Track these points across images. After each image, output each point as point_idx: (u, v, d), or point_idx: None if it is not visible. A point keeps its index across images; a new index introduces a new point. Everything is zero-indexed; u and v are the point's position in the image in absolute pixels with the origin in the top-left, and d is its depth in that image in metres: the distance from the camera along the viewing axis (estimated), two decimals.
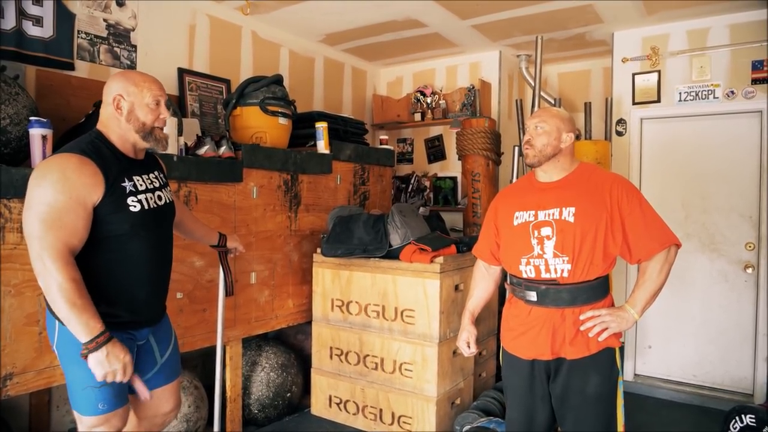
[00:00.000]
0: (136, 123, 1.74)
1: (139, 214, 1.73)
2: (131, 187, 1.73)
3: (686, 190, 3.94)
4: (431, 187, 5.07)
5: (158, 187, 1.86)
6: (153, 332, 1.91)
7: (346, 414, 3.30)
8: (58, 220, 1.55)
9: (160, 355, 1.95)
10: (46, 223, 1.54)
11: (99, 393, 1.68)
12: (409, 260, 3.05)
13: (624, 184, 1.91)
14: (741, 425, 2.75)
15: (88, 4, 3.04)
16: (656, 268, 1.85)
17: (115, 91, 1.74)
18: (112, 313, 1.70)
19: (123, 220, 1.70)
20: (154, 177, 1.86)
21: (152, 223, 1.79)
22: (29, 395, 2.77)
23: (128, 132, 1.75)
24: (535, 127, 1.95)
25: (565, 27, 4.05)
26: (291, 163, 3.29)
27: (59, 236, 1.55)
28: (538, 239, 1.90)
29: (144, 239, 1.77)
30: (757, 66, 3.62)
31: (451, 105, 4.81)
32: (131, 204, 1.71)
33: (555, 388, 1.92)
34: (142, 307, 1.81)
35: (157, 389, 1.95)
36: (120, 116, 1.73)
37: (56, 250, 1.54)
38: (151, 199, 1.80)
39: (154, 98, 1.76)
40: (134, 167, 1.79)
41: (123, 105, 1.73)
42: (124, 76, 1.78)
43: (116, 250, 1.71)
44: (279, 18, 3.96)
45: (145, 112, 1.74)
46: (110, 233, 1.69)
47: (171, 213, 1.95)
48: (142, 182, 1.79)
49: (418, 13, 3.83)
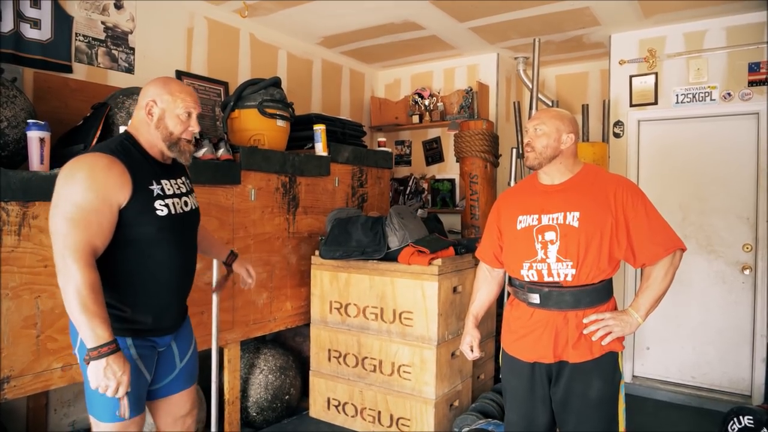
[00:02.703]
0: (164, 131, 1.73)
1: (166, 218, 1.72)
2: (159, 191, 1.72)
3: (684, 191, 3.95)
4: (429, 189, 5.07)
5: (185, 193, 1.84)
6: (174, 337, 1.89)
7: (345, 416, 3.30)
8: (83, 219, 1.54)
9: (179, 360, 1.93)
10: (71, 222, 1.53)
11: (116, 400, 1.65)
12: (407, 262, 3.05)
13: (629, 186, 1.88)
14: (739, 426, 2.75)
15: (86, 7, 3.04)
16: (661, 273, 1.83)
17: (149, 96, 1.73)
18: (135, 319, 1.70)
19: (149, 223, 1.68)
20: (182, 182, 1.85)
21: (178, 228, 1.78)
22: (27, 398, 2.76)
23: (156, 139, 1.74)
24: (534, 129, 1.93)
25: (563, 29, 4.06)
26: (289, 166, 3.29)
27: (83, 236, 1.54)
28: (542, 243, 1.88)
29: (169, 244, 1.75)
30: (754, 68, 3.64)
31: (449, 107, 4.82)
32: (158, 208, 1.70)
33: (556, 392, 1.90)
34: (165, 313, 1.80)
35: (175, 395, 1.93)
36: (150, 122, 1.73)
37: (79, 251, 1.52)
38: (178, 204, 1.78)
39: (186, 109, 1.75)
40: (162, 171, 1.77)
41: (154, 111, 1.72)
42: (162, 82, 1.77)
43: (142, 255, 1.69)
44: (277, 20, 3.97)
45: (175, 122, 1.73)
46: (136, 237, 1.67)
47: (196, 219, 1.93)
48: (170, 186, 1.77)
49: (415, 15, 3.84)
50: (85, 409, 3.06)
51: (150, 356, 1.78)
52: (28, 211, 2.14)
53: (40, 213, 2.17)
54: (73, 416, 3.04)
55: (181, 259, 1.81)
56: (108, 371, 1.53)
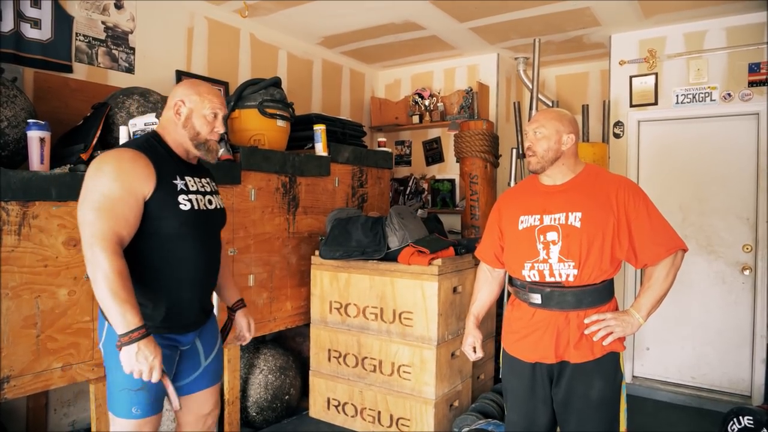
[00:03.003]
0: (191, 131, 1.79)
1: (189, 213, 1.75)
2: (182, 186, 1.76)
3: (684, 192, 3.95)
4: (429, 190, 5.07)
5: (209, 192, 1.88)
6: (199, 335, 1.91)
7: (345, 416, 3.30)
8: (111, 209, 1.59)
9: (204, 358, 1.94)
10: (99, 212, 1.58)
11: (135, 396, 1.69)
12: (407, 262, 3.05)
13: (630, 187, 1.88)
14: (739, 427, 2.75)
15: (87, 7, 3.04)
16: (662, 273, 1.83)
17: (178, 97, 1.80)
18: (156, 316, 1.72)
19: (172, 217, 1.71)
20: (206, 182, 1.90)
21: (201, 224, 1.80)
22: (26, 398, 2.76)
23: (183, 138, 1.80)
24: (534, 132, 1.92)
25: (563, 30, 4.06)
26: (289, 166, 3.29)
27: (110, 225, 1.58)
28: (544, 244, 1.88)
29: (193, 240, 1.77)
30: (754, 68, 3.64)
31: (449, 107, 4.82)
32: (182, 202, 1.73)
33: (558, 392, 1.90)
34: (187, 310, 1.81)
35: (198, 392, 1.94)
36: (177, 121, 1.78)
37: (106, 239, 1.56)
38: (201, 201, 1.81)
39: (213, 110, 1.81)
40: (187, 169, 1.83)
41: (182, 111, 1.78)
42: (190, 83, 1.85)
43: (164, 249, 1.71)
44: (277, 20, 3.97)
45: (202, 122, 1.79)
46: (159, 230, 1.70)
47: (221, 219, 1.95)
48: (193, 183, 1.81)
49: (416, 15, 3.84)
50: (85, 409, 3.08)
51: (170, 356, 1.78)
52: (28, 210, 2.14)
53: (40, 213, 2.17)
54: (73, 416, 3.04)
55: (204, 256, 1.83)
56: (140, 356, 1.56)
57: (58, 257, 2.22)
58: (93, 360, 2.34)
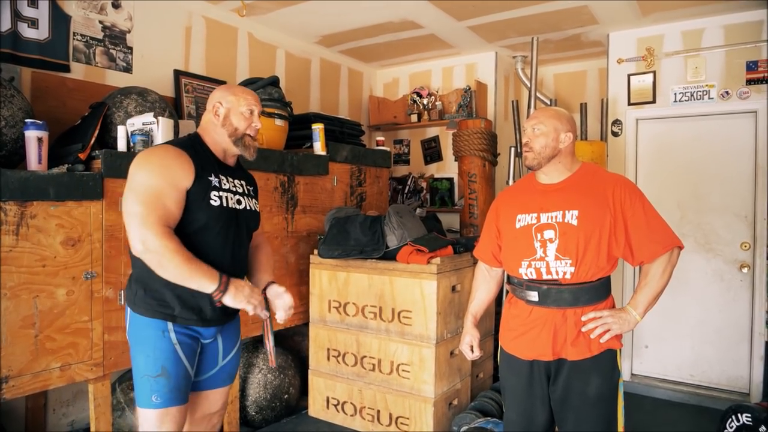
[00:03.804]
0: (229, 128, 1.88)
1: (217, 209, 1.81)
2: (216, 182, 1.84)
3: (682, 190, 3.96)
4: (428, 188, 5.07)
5: (241, 193, 1.95)
6: (221, 331, 1.94)
7: (344, 415, 3.30)
8: (158, 202, 1.68)
9: (222, 357, 1.97)
10: (148, 205, 1.67)
11: (154, 384, 1.73)
12: (406, 261, 3.05)
13: (627, 185, 1.89)
14: (737, 424, 2.75)
15: (84, 6, 3.04)
16: (658, 271, 1.84)
17: (216, 99, 1.91)
18: (175, 306, 1.77)
19: (202, 210, 1.78)
20: (239, 183, 1.97)
21: (229, 222, 1.86)
22: (25, 398, 2.76)
23: (222, 136, 1.89)
24: (532, 129, 1.93)
25: (561, 28, 4.06)
26: (288, 165, 3.29)
27: (160, 215, 1.67)
28: (541, 242, 1.88)
29: (217, 236, 1.82)
30: (752, 66, 3.64)
31: (448, 106, 4.82)
32: (213, 198, 1.80)
33: (555, 390, 1.90)
34: (206, 305, 1.82)
35: (211, 390, 1.97)
36: (217, 121, 1.88)
37: (159, 227, 1.66)
38: (231, 199, 1.88)
39: (249, 107, 1.90)
40: (222, 168, 1.90)
41: (220, 111, 1.88)
42: (226, 87, 1.97)
43: (190, 243, 1.75)
44: (275, 19, 3.96)
45: (239, 119, 1.88)
46: (189, 224, 1.77)
47: (250, 219, 1.98)
48: (226, 182, 1.89)
49: (414, 14, 3.84)
50: (84, 409, 3.08)
51: (191, 345, 1.82)
52: (26, 210, 2.14)
53: (38, 213, 2.17)
54: (72, 416, 3.04)
55: (229, 254, 1.86)
56: (239, 296, 1.74)
57: (56, 257, 2.22)
58: (92, 360, 2.34)
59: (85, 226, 2.31)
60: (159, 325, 1.76)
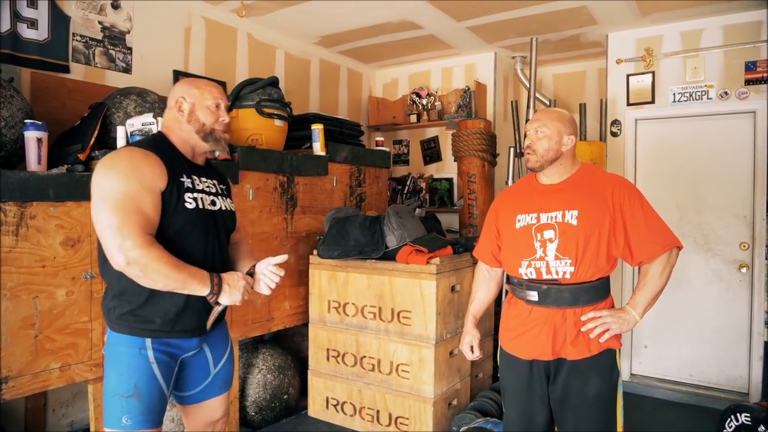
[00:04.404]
0: (196, 124, 1.78)
1: (193, 212, 1.72)
2: (189, 183, 1.74)
3: (681, 190, 3.96)
4: (427, 189, 5.07)
5: (214, 193, 1.85)
6: (207, 340, 1.86)
7: (344, 416, 3.30)
8: (135, 208, 1.57)
9: (214, 365, 1.89)
10: (124, 213, 1.55)
11: (125, 404, 1.63)
12: (405, 261, 3.05)
13: (626, 185, 1.90)
14: (736, 424, 2.76)
15: (83, 7, 3.04)
16: (657, 271, 1.84)
17: (178, 95, 1.79)
18: (154, 319, 1.67)
19: (178, 215, 1.68)
20: (211, 183, 1.87)
21: (205, 225, 1.77)
22: (25, 399, 2.76)
23: (189, 133, 1.79)
24: (535, 131, 1.93)
25: (560, 28, 4.07)
26: (287, 165, 3.29)
27: (138, 223, 1.56)
28: (541, 242, 1.89)
29: (196, 240, 1.73)
30: (751, 67, 3.65)
31: (447, 106, 4.82)
32: (187, 200, 1.71)
33: (555, 389, 1.91)
34: (187, 313, 1.73)
35: (209, 400, 1.90)
36: (181, 117, 1.78)
37: (139, 236, 1.54)
38: (206, 200, 1.79)
39: (215, 100, 1.80)
40: (192, 168, 1.81)
41: (184, 107, 1.77)
42: (187, 81, 1.85)
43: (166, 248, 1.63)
44: (274, 20, 3.97)
45: (206, 114, 1.78)
46: (165, 228, 1.66)
47: (227, 220, 1.90)
48: (199, 183, 1.80)
49: (413, 15, 3.84)
50: (84, 409, 3.08)
51: (168, 364, 1.72)
52: (26, 211, 2.14)
53: (37, 213, 2.17)
54: (72, 416, 3.04)
55: (210, 259, 1.77)
56: (234, 291, 1.72)
57: (56, 257, 2.22)
58: (91, 360, 2.34)
59: (84, 227, 2.31)
60: (135, 342, 1.66)
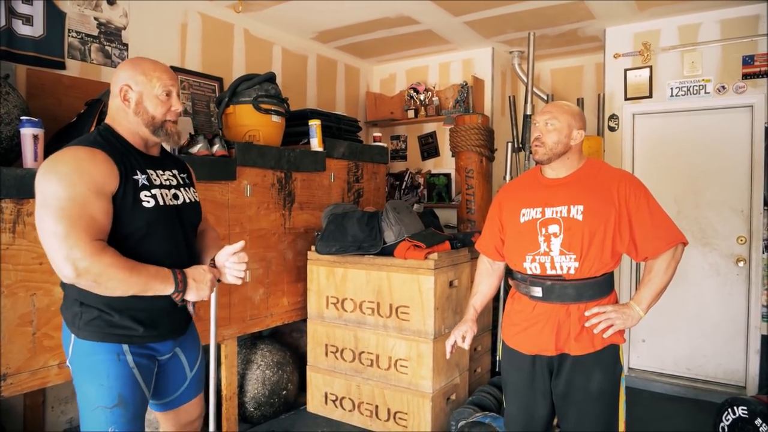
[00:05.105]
0: (145, 116, 1.60)
1: (153, 210, 1.58)
2: (144, 181, 1.59)
3: (678, 185, 3.96)
4: (425, 184, 5.07)
5: (175, 186, 1.71)
6: (180, 344, 1.78)
7: (342, 411, 3.31)
8: (82, 214, 1.42)
9: (189, 369, 1.83)
10: (69, 220, 1.40)
11: (110, 415, 1.53)
12: (403, 257, 3.06)
13: (632, 181, 1.89)
14: (734, 417, 2.77)
15: (79, 3, 3.02)
16: (662, 267, 1.84)
17: (122, 81, 1.59)
18: (127, 324, 1.58)
19: (136, 216, 1.55)
20: (171, 175, 1.72)
21: (170, 222, 1.64)
22: (23, 396, 2.76)
23: (137, 126, 1.61)
24: (545, 123, 1.91)
25: (557, 23, 4.06)
26: (284, 161, 3.29)
27: (86, 229, 1.42)
28: (545, 236, 1.88)
29: (160, 240, 1.61)
30: (748, 61, 3.64)
31: (444, 102, 4.81)
32: (144, 199, 1.57)
33: (558, 385, 1.91)
34: (160, 317, 1.65)
35: (186, 403, 1.85)
36: (128, 108, 1.59)
37: (87, 243, 1.40)
38: (167, 195, 1.65)
39: (165, 89, 1.61)
40: (147, 161, 1.65)
41: (131, 96, 1.59)
42: (132, 64, 1.63)
43: (131, 253, 1.53)
44: (271, 16, 3.95)
45: (155, 104, 1.60)
46: (123, 231, 1.54)
47: (192, 213, 1.78)
48: (156, 177, 1.64)
49: (410, 10, 3.83)
50: None
51: (148, 367, 1.65)
52: (23, 208, 2.13)
53: (34, 210, 2.16)
54: (71, 413, 3.04)
55: (175, 258, 1.66)
56: (201, 286, 1.61)
57: None
58: None
59: None
60: (112, 348, 1.55)
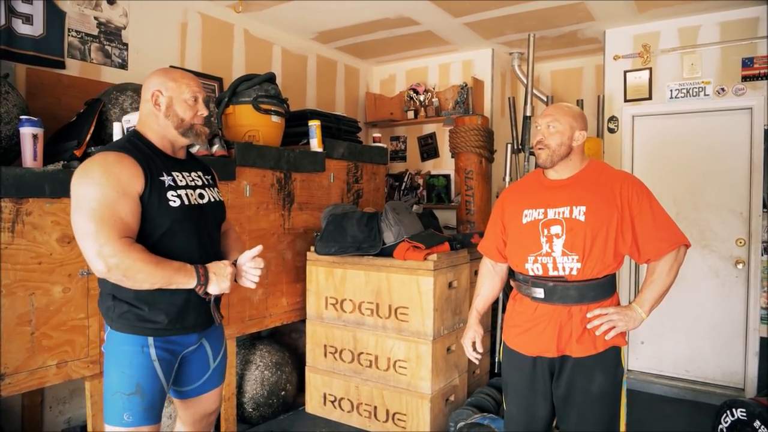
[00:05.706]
0: (174, 118, 1.73)
1: (179, 209, 1.70)
2: (170, 182, 1.71)
3: (677, 186, 3.97)
4: (424, 185, 5.07)
5: (200, 186, 1.83)
6: (206, 336, 1.87)
7: (341, 412, 3.31)
8: (112, 214, 1.56)
9: (213, 359, 1.91)
10: (100, 220, 1.54)
11: (127, 402, 1.64)
12: (402, 258, 3.05)
13: (634, 182, 1.89)
14: (732, 419, 2.77)
15: (79, 2, 3.02)
16: (665, 269, 1.84)
17: (153, 87, 1.73)
18: (154, 318, 1.68)
19: (163, 215, 1.67)
20: (196, 176, 1.84)
21: (195, 220, 1.75)
22: (22, 396, 2.75)
23: (167, 128, 1.74)
24: (547, 126, 1.91)
25: (557, 25, 4.06)
26: (284, 162, 3.28)
27: (115, 228, 1.55)
28: (548, 237, 1.88)
29: (187, 238, 1.72)
30: (747, 63, 3.65)
31: (444, 103, 4.82)
32: (171, 198, 1.69)
33: (559, 386, 1.90)
34: (186, 310, 1.74)
35: (207, 393, 1.93)
36: (158, 112, 1.73)
37: (116, 241, 1.54)
38: (192, 195, 1.76)
39: (193, 94, 1.75)
40: (173, 164, 1.78)
41: (161, 101, 1.72)
42: (163, 72, 1.79)
43: (158, 249, 1.65)
44: (271, 16, 3.95)
45: (184, 108, 1.74)
46: (151, 230, 1.66)
47: (216, 212, 1.89)
48: (182, 178, 1.76)
49: (410, 10, 3.83)
50: (81, 406, 3.08)
51: (169, 361, 1.74)
52: (22, 207, 2.13)
53: (33, 210, 2.16)
54: (69, 413, 3.03)
55: (201, 253, 1.76)
56: (221, 279, 1.70)
57: (52, 254, 2.22)
58: (88, 357, 2.34)
59: None
60: (138, 341, 1.67)
